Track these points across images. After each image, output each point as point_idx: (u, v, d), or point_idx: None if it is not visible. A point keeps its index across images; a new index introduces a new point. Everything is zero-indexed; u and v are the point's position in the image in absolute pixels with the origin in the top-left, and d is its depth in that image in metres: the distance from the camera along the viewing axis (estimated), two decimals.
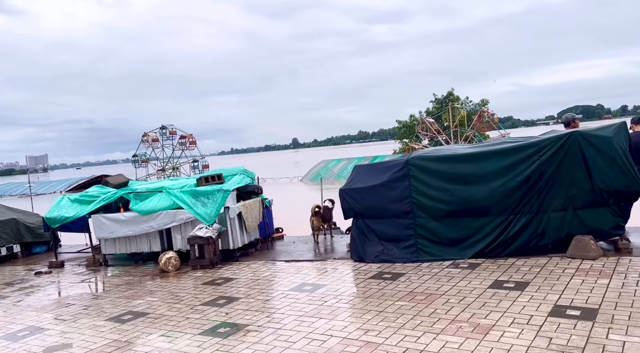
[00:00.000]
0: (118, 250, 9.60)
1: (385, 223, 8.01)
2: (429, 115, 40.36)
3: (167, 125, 50.80)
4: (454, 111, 35.79)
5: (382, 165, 8.30)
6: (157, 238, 9.34)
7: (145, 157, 50.71)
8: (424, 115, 61.08)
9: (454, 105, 37.10)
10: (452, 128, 35.40)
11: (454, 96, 58.05)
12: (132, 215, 9.18)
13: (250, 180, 9.74)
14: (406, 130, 63.87)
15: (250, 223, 9.33)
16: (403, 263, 7.64)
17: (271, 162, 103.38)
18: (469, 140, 37.83)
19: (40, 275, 9.33)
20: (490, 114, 34.11)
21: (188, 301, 6.71)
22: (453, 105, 36.96)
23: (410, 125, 62.88)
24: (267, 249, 9.78)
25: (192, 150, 50.80)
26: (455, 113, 36.02)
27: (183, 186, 9.34)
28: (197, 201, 8.83)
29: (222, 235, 8.96)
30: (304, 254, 9.05)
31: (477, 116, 35.00)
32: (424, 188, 7.77)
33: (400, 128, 66.17)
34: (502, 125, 35.94)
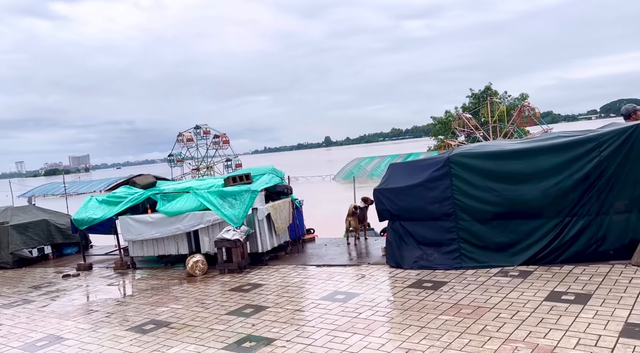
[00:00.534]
0: (146, 252, 9.35)
1: (424, 226, 7.38)
2: (466, 111, 39.05)
3: (201, 125, 51.32)
4: (492, 106, 34.43)
5: (420, 163, 7.67)
6: (185, 241, 9.02)
7: (181, 157, 51.42)
8: (460, 111, 59.44)
9: (492, 99, 35.67)
10: (490, 124, 34.05)
11: (492, 91, 56.23)
12: (159, 216, 8.89)
13: (279, 180, 9.29)
14: (441, 126, 62.33)
15: (280, 225, 8.88)
16: (445, 270, 7.00)
17: (303, 161, 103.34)
18: (509, 136, 36.33)
19: (68, 278, 9.17)
20: (531, 108, 32.58)
21: (213, 309, 6.30)
22: (492, 100, 35.54)
23: (446, 122, 61.29)
24: (297, 252, 9.30)
25: (226, 149, 51.17)
26: (494, 108, 34.64)
27: (210, 186, 8.98)
28: (224, 202, 8.44)
29: (251, 238, 8.54)
30: (336, 258, 8.52)
31: (517, 111, 33.51)
32: (468, 188, 7.10)
33: (435, 124, 64.68)
34: (543, 120, 34.31)
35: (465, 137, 40.76)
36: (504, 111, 36.67)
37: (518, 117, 33.25)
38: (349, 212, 9.47)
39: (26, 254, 10.74)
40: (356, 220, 9.40)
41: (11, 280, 9.61)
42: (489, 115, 34.02)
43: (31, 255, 10.83)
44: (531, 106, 32.89)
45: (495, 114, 34.68)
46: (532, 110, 32.62)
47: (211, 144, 50.56)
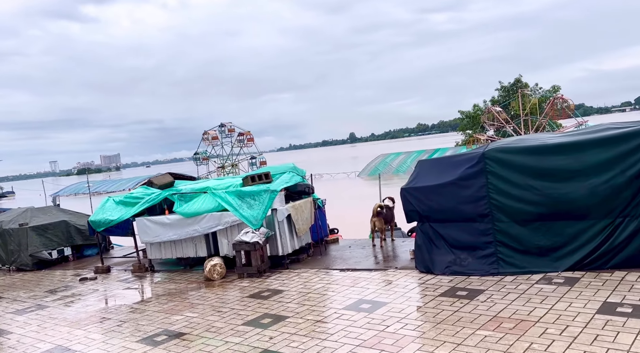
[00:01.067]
0: (164, 255, 9.03)
1: (457, 228, 6.79)
2: (496, 104, 37.75)
3: (226, 123, 51.36)
4: (523, 98, 33.11)
5: (452, 160, 7.07)
6: (203, 243, 8.66)
7: (206, 155, 51.62)
8: (489, 104, 57.77)
9: (524, 92, 34.26)
10: (522, 117, 32.71)
11: (522, 83, 54.38)
12: (176, 217, 8.55)
13: (300, 179, 8.81)
14: (469, 120, 60.69)
15: (301, 226, 8.41)
16: (480, 276, 6.40)
17: (328, 157, 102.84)
18: (541, 130, 34.94)
19: (85, 282, 8.94)
20: (564, 100, 31.14)
21: (230, 318, 5.88)
22: (523, 92, 34.14)
23: (474, 116, 59.72)
24: (320, 255, 8.82)
25: (250, 147, 51.05)
26: (525, 100, 33.31)
27: (228, 186, 8.58)
28: (242, 203, 8.03)
29: (270, 240, 8.11)
30: (362, 261, 8.00)
31: (550, 103, 32.08)
32: (505, 187, 6.47)
33: (463, 119, 63.13)
34: (577, 113, 32.79)
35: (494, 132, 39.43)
36: (535, 103, 35.20)
37: (551, 109, 31.86)
38: (374, 212, 8.92)
39: (45, 256, 10.60)
40: (381, 221, 8.85)
41: (29, 284, 9.45)
42: (520, 108, 32.68)
43: (51, 257, 10.69)
44: (565, 98, 31.47)
45: (526, 107, 33.33)
46: (566, 102, 31.20)
47: (236, 141, 50.53)
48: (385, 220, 8.96)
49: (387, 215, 9.06)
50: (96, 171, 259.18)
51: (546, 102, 35.42)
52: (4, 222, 10.94)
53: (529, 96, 34.06)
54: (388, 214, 9.11)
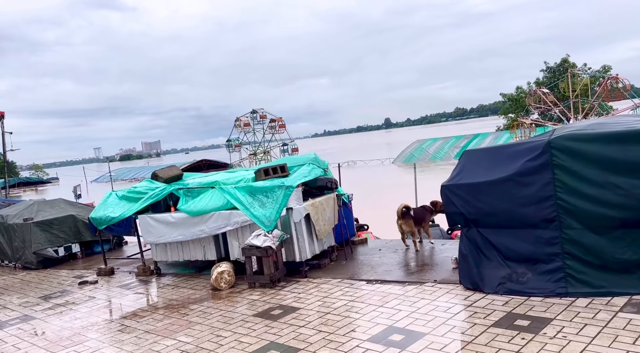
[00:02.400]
0: (170, 257, 8.06)
1: (514, 236, 5.42)
2: (541, 86, 35.17)
3: (258, 109, 50.60)
4: (573, 79, 30.52)
5: (508, 150, 5.65)
6: (212, 245, 7.62)
7: (238, 142, 51.14)
8: (534, 86, 54.57)
9: (574, 71, 31.63)
10: (571, 98, 30.21)
11: (570, 63, 50.96)
12: (181, 216, 7.53)
13: (321, 172, 7.59)
14: (512, 104, 57.64)
15: (322, 227, 7.22)
16: (544, 297, 5.05)
17: (363, 144, 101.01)
18: (591, 114, 32.32)
19: (84, 286, 8.08)
20: (619, 80, 28.44)
21: (228, 348, 4.79)
22: (573, 72, 31.52)
23: (517, 98, 56.60)
24: (344, 259, 7.62)
25: (282, 134, 50.19)
26: (575, 81, 30.71)
27: (239, 181, 7.47)
28: (253, 200, 6.90)
29: (286, 244, 6.97)
30: (393, 270, 6.75)
31: (603, 83, 29.43)
32: (578, 184, 5.06)
33: (505, 102, 60.00)
34: (634, 94, 29.97)
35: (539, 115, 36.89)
36: (587, 84, 32.52)
37: (604, 90, 29.22)
38: (398, 214, 7.57)
39: (51, 254, 9.87)
40: (410, 223, 7.49)
41: (27, 286, 8.70)
42: (570, 89, 30.16)
43: (57, 254, 9.94)
44: (620, 78, 28.74)
45: (576, 88, 30.74)
46: (621, 82, 28.49)
47: (267, 128, 49.75)
48: (416, 220, 7.61)
49: (418, 214, 7.69)
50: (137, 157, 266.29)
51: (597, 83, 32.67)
52: (9, 216, 10.28)
53: (580, 76, 31.41)
54: (418, 213, 7.75)
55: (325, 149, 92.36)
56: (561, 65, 52.82)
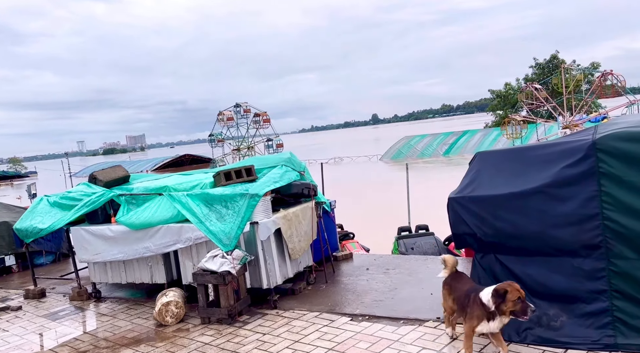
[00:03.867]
0: (111, 278, 6.60)
1: (544, 266, 4.11)
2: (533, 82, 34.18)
3: (241, 103, 48.89)
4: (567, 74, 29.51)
5: (536, 153, 4.31)
6: (161, 265, 6.18)
7: (221, 137, 49.46)
8: (523, 83, 53.69)
9: (567, 67, 30.64)
10: (564, 95, 29.21)
11: (559, 60, 50.21)
12: (121, 229, 6.08)
13: (296, 176, 6.18)
14: (500, 100, 56.85)
15: (296, 245, 5.83)
16: (587, 351, 3.75)
17: (350, 139, 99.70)
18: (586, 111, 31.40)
19: (2, 314, 6.57)
20: (615, 76, 27.50)
21: None
22: (566, 68, 30.53)
23: (506, 95, 55.79)
24: (324, 282, 6.24)
25: (267, 129, 48.55)
26: (569, 77, 29.76)
27: (194, 186, 6.04)
28: (210, 211, 5.49)
29: (251, 267, 5.57)
30: (384, 300, 5.39)
31: (598, 79, 28.47)
32: (634, 200, 3.75)
33: (494, 98, 59.17)
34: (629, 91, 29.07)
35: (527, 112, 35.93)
36: (581, 80, 31.58)
37: (598, 87, 28.28)
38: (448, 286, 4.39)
39: None
40: (476, 314, 3.73)
41: None
42: (563, 85, 29.17)
43: None
44: (615, 74, 27.82)
45: (570, 84, 29.78)
46: (616, 78, 27.56)
47: (251, 122, 48.09)
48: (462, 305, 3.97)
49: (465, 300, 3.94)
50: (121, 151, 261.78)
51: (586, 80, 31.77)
52: None
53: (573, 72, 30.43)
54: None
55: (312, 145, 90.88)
56: (550, 61, 52.12)
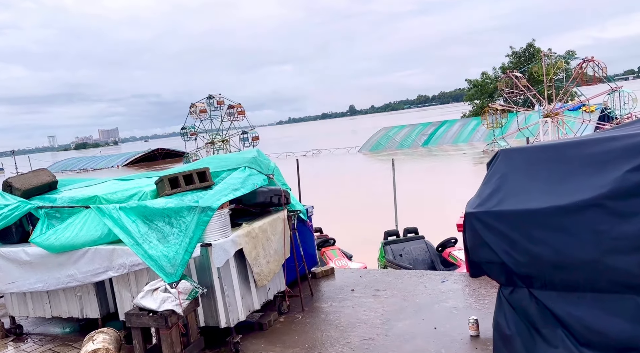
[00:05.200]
0: (32, 311, 5.27)
1: (598, 306, 2.99)
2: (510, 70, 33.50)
3: (215, 95, 47.06)
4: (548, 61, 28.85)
5: (585, 150, 3.14)
6: (93, 296, 4.88)
7: (194, 130, 47.64)
8: (499, 72, 53.22)
9: (547, 54, 29.95)
10: (545, 83, 28.55)
11: (536, 48, 49.92)
12: (39, 252, 4.75)
13: (263, 180, 4.92)
14: (477, 90, 56.44)
15: (264, 268, 4.61)
16: None
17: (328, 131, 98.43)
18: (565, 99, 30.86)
19: None
20: (597, 63, 26.94)
21: None
22: (547, 54, 29.84)
23: (483, 84, 55.39)
24: (301, 310, 5.05)
25: (242, 121, 46.87)
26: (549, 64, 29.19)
27: (131, 196, 4.73)
28: (150, 230, 4.21)
29: (205, 300, 4.32)
30: (375, 339, 4.23)
31: (578, 66, 27.88)
32: None
33: (471, 88, 58.74)
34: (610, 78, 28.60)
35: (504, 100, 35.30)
36: (561, 67, 30.99)
37: (580, 74, 27.73)
38: None
39: None
40: None
41: None
42: (544, 73, 28.56)
43: None
44: (596, 60, 27.30)
45: (550, 71, 29.17)
46: (598, 65, 27.03)
47: (225, 115, 46.33)
48: None
49: None
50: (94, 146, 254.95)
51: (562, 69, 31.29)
52: None
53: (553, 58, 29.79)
54: None
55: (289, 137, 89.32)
56: (527, 50, 51.86)
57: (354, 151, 42.52)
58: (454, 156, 32.04)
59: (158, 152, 69.14)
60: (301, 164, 8.77)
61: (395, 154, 38.65)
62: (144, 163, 58.99)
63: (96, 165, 63.93)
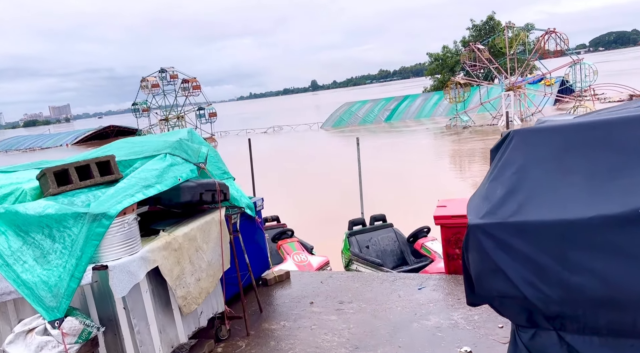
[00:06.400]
0: None
1: None
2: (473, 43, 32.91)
3: (167, 68, 44.43)
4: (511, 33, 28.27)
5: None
6: None
7: (146, 106, 45.02)
8: (460, 46, 52.77)
9: (509, 25, 29.35)
10: (508, 55, 28.06)
11: (496, 21, 49.62)
12: None
13: (190, 171, 3.72)
14: (439, 64, 55.92)
15: (193, 288, 3.48)
16: None
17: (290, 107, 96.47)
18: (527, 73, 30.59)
19: None
20: (559, 34, 26.56)
21: None
22: (509, 26, 29.25)
23: (444, 58, 54.87)
24: (245, 336, 3.97)
25: (197, 96, 44.61)
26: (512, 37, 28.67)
27: (5, 196, 3.46)
28: (24, 245, 3.00)
29: (108, 337, 3.17)
30: None
31: (541, 38, 27.47)
32: None
33: (432, 62, 58.16)
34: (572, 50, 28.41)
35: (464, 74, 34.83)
36: (524, 39, 30.56)
37: (542, 46, 27.35)
38: None
39: None
40: None
41: None
42: (507, 45, 28.02)
43: None
44: (558, 32, 26.94)
45: (513, 43, 28.69)
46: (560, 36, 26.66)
47: (180, 90, 43.90)
48: None
49: None
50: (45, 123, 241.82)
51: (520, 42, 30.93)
52: None
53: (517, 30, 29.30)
54: None
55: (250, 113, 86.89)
56: (487, 23, 51.51)
57: (316, 127, 41.35)
58: (418, 131, 31.46)
59: (110, 130, 65.63)
60: (261, 142, 7.65)
61: (358, 130, 37.77)
62: (95, 141, 55.81)
63: (44, 144, 60.01)
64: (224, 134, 45.86)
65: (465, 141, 23.74)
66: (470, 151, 20.25)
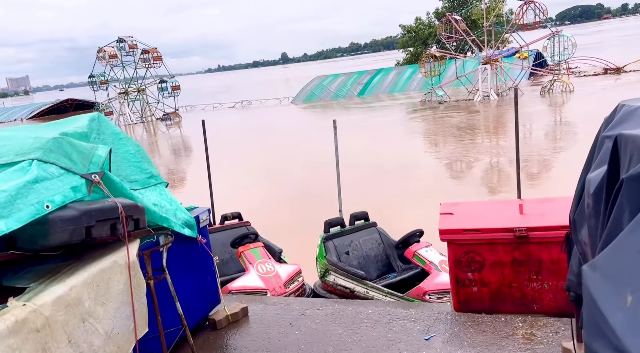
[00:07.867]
0: None
1: None
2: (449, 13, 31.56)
3: (126, 38, 41.39)
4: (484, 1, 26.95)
5: None
6: None
7: (104, 78, 42.04)
8: (433, 17, 51.36)
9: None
10: (485, 27, 26.84)
11: None
12: None
13: (73, 191, 2.30)
14: (411, 36, 54.39)
15: None
16: None
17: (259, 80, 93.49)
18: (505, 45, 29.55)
19: None
20: (538, 4, 25.48)
21: None
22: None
23: (417, 30, 53.35)
24: None
25: (159, 68, 41.81)
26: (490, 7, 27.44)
27: None
28: None
29: None
30: None
31: (519, 9, 26.32)
32: None
33: (404, 34, 56.58)
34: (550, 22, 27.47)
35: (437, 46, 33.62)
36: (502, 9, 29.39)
37: (521, 17, 26.25)
38: None
39: None
40: None
41: None
42: (485, 16, 26.77)
43: None
44: (537, 3, 25.84)
45: (490, 14, 27.46)
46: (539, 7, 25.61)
47: (140, 61, 41.03)
48: None
49: None
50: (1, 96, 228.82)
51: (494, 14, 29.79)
52: None
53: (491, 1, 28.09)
54: None
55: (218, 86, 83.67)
56: None
57: (287, 102, 39.53)
58: (392, 107, 30.18)
59: (68, 103, 61.86)
60: (228, 117, 6.20)
61: (331, 105, 36.23)
62: (53, 115, 52.36)
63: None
64: (190, 108, 43.57)
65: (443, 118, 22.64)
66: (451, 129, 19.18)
